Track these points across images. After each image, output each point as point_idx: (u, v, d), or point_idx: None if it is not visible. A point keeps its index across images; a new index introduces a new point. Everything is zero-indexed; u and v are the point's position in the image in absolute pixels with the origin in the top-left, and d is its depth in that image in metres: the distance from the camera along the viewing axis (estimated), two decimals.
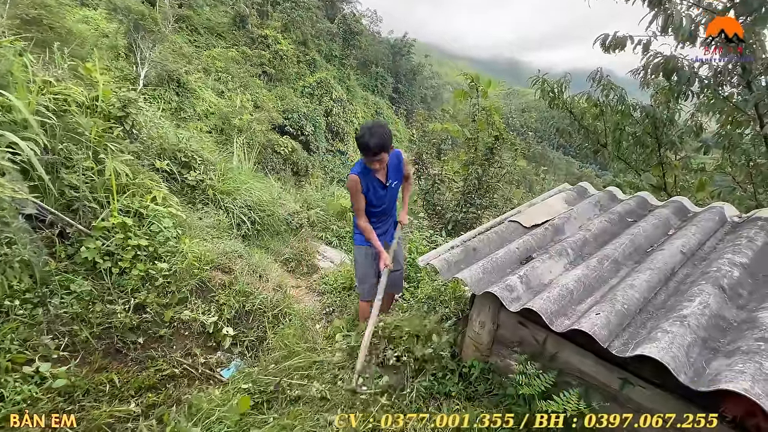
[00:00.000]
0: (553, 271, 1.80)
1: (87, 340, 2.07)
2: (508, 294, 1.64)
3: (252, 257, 3.23)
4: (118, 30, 18.25)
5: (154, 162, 3.43)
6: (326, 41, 30.56)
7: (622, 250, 1.84)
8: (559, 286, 1.60)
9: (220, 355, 2.46)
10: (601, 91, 3.68)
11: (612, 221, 2.18)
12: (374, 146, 2.06)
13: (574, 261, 1.88)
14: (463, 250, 2.10)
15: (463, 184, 5.72)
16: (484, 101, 5.90)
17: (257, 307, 2.72)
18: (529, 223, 2.28)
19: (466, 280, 1.79)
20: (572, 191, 2.67)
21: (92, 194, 2.67)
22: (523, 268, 1.82)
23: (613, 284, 1.65)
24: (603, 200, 2.51)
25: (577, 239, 2.00)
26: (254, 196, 4.56)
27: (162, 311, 2.40)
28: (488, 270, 1.86)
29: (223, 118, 19.34)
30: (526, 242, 2.06)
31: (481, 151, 5.76)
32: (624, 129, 3.91)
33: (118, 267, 2.45)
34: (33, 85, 2.66)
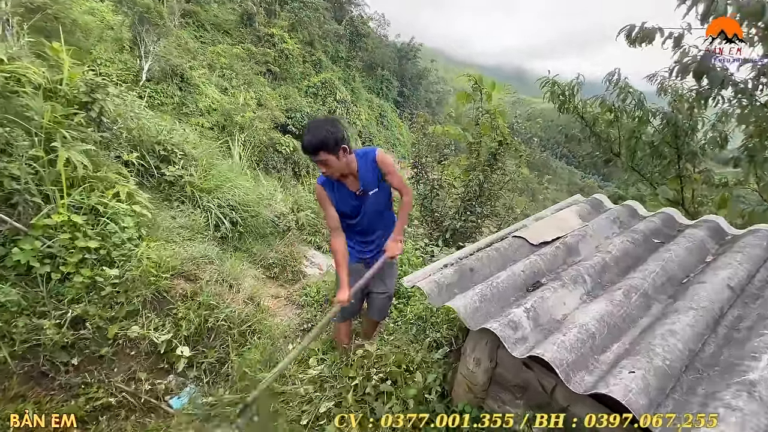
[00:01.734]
0: (567, 304, 1.46)
1: (5, 361, 1.73)
2: (512, 333, 1.30)
3: (224, 263, 2.89)
4: (123, 22, 18.10)
5: (122, 154, 3.10)
6: (333, 42, 30.43)
7: (652, 280, 1.50)
8: (577, 326, 1.26)
9: (172, 379, 2.12)
10: (618, 95, 3.35)
11: (635, 242, 1.84)
12: (308, 145, 1.74)
13: (593, 291, 1.54)
14: (457, 270, 1.76)
15: (463, 190, 5.38)
16: (489, 104, 5.59)
17: (222, 322, 2.37)
18: (536, 240, 1.95)
19: (460, 311, 1.45)
20: (586, 204, 2.34)
21: (39, 187, 2.34)
22: (530, 297, 1.48)
23: (645, 326, 1.30)
24: (622, 216, 2.17)
25: (595, 263, 1.66)
26: (238, 196, 4.23)
27: (106, 326, 2.06)
28: (487, 297, 1.53)
29: (225, 114, 19.12)
30: (534, 264, 1.72)
31: (484, 156, 5.44)
32: (640, 137, 3.59)
33: (59, 272, 2.12)
34: None
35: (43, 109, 2.49)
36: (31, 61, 2.97)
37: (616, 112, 3.55)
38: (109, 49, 19.10)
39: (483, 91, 5.70)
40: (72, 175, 2.57)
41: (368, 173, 1.97)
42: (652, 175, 3.79)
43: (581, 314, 1.35)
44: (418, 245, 3.79)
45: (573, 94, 3.78)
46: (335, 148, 1.78)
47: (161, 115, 18.20)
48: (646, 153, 3.58)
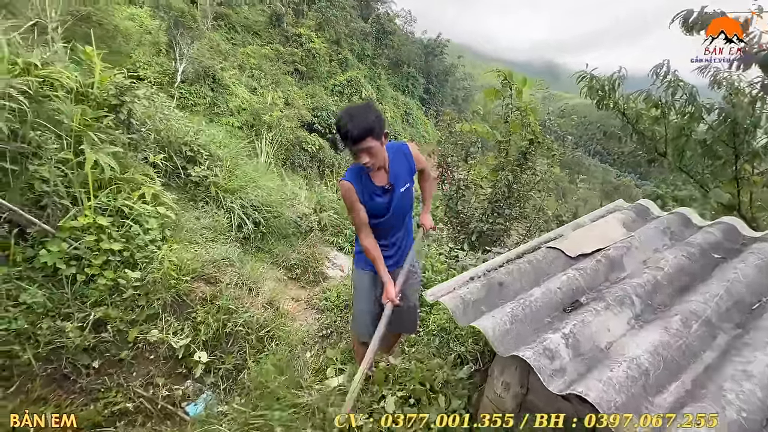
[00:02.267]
0: (612, 330, 1.28)
1: (29, 362, 1.76)
2: (548, 363, 1.15)
3: (244, 266, 2.86)
4: (160, 27, 18.90)
5: (149, 156, 3.14)
6: (359, 40, 30.49)
7: (716, 304, 1.29)
8: (627, 359, 1.09)
9: (190, 384, 2.10)
10: (666, 89, 3.05)
11: (691, 257, 1.62)
12: (355, 130, 1.57)
13: (642, 315, 1.36)
14: (485, 284, 1.62)
15: (491, 191, 5.16)
16: (519, 101, 5.31)
17: (240, 327, 2.34)
18: (574, 252, 1.76)
19: (488, 333, 1.31)
20: (630, 211, 2.11)
21: (68, 189, 2.39)
22: (568, 320, 1.31)
23: (710, 362, 1.11)
24: (673, 225, 1.93)
25: (645, 281, 1.47)
26: (261, 196, 4.23)
27: (127, 329, 2.07)
28: (518, 318, 1.37)
29: (254, 114, 19.62)
30: (572, 280, 1.55)
31: (513, 156, 5.19)
32: (690, 135, 3.26)
33: (84, 274, 2.14)
34: (13, 66, 2.41)
35: (73, 113, 2.54)
36: (66, 66, 3.07)
37: (663, 108, 3.24)
38: (147, 52, 19.98)
39: (513, 87, 5.44)
40: (100, 177, 2.61)
41: (401, 167, 1.84)
42: (702, 176, 3.44)
43: (631, 344, 1.17)
44: (442, 249, 3.63)
45: (614, 89, 3.49)
46: (380, 134, 1.66)
47: (191, 116, 18.79)
48: (697, 152, 3.24)
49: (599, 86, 3.53)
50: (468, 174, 5.56)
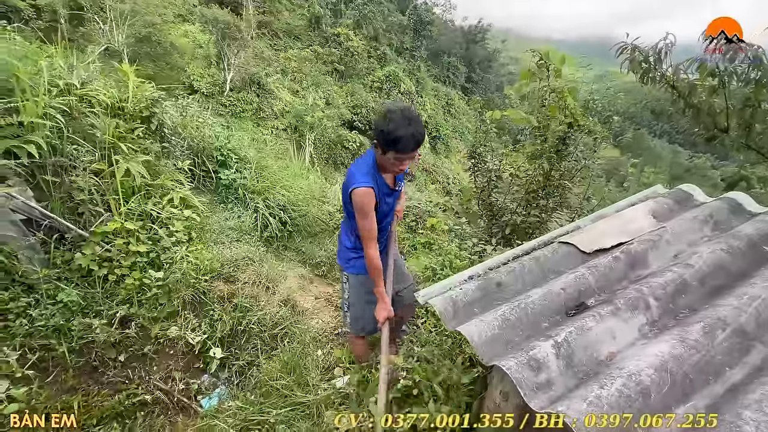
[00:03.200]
0: (618, 338, 1.11)
1: (63, 355, 1.95)
2: (532, 375, 1.01)
3: (263, 265, 2.95)
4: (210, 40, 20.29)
5: (176, 162, 3.35)
6: (397, 34, 30.29)
7: (755, 310, 1.06)
8: (624, 374, 0.92)
9: (206, 378, 2.21)
10: (723, 55, 2.61)
11: (733, 251, 1.35)
12: (420, 137, 1.60)
13: (659, 321, 1.16)
14: (482, 284, 1.49)
15: (525, 180, 4.82)
16: (556, 82, 4.90)
17: (253, 325, 2.41)
18: (590, 247, 1.56)
19: (473, 339, 1.20)
20: (667, 198, 1.83)
21: (102, 197, 2.61)
22: (566, 325, 1.16)
23: (736, 382, 0.91)
24: (719, 214, 1.64)
25: (668, 280, 1.25)
26: (288, 196, 4.34)
27: (150, 326, 2.22)
28: (510, 322, 1.24)
29: (296, 115, 20.41)
30: (580, 279, 1.37)
31: (551, 142, 4.80)
32: (759, 106, 2.77)
33: (114, 274, 2.33)
34: (54, 88, 2.68)
35: (106, 126, 2.77)
36: (105, 83, 3.36)
37: (721, 77, 2.78)
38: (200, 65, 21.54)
39: (550, 67, 5.03)
40: (132, 184, 2.83)
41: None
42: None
43: (634, 356, 1.00)
44: (465, 245, 3.46)
45: (660, 60, 3.06)
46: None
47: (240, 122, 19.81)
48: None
49: (643, 58, 3.13)
50: (501, 164, 5.25)
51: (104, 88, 3.13)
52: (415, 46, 32.12)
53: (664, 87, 3.17)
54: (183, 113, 4.37)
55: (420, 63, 31.54)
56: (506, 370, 1.03)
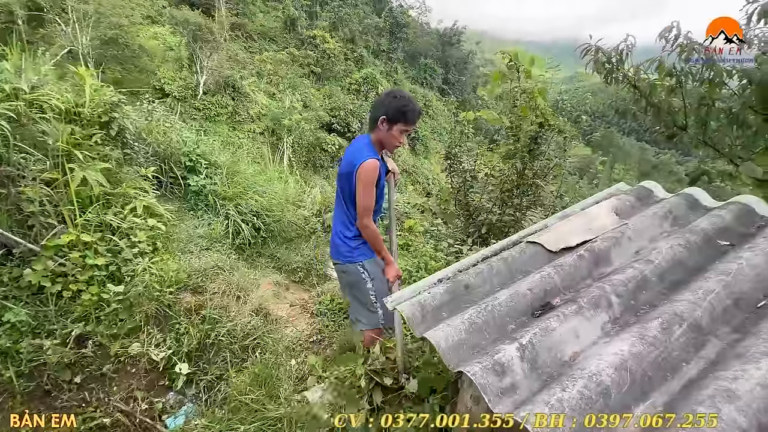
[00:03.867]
0: (581, 337, 1.11)
1: (11, 380, 1.81)
2: (496, 380, 1.00)
3: (234, 273, 2.85)
4: (181, 42, 19.66)
5: (140, 169, 3.20)
6: (373, 36, 30.37)
7: (709, 304, 1.08)
8: (585, 375, 0.92)
9: (171, 396, 2.10)
10: (678, 55, 2.71)
11: (690, 246, 1.39)
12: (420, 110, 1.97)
13: (621, 318, 1.17)
14: (451, 287, 1.47)
15: (499, 180, 4.90)
16: (527, 83, 5.00)
17: (222, 337, 2.32)
18: (556, 246, 1.57)
19: (440, 345, 1.17)
20: (629, 195, 1.87)
21: (56, 208, 2.46)
22: (531, 327, 1.15)
23: (692, 377, 0.92)
24: (678, 209, 1.69)
25: (629, 277, 1.27)
26: (261, 201, 4.23)
27: (109, 343, 2.10)
28: (477, 326, 1.22)
29: (274, 119, 20.04)
30: (546, 278, 1.37)
31: (524, 142, 4.89)
32: (713, 104, 2.89)
33: (69, 290, 2.19)
34: None
35: (59, 133, 2.61)
36: (60, 87, 3.18)
37: (678, 76, 2.89)
38: (171, 68, 20.82)
39: (520, 69, 5.13)
40: (90, 193, 2.68)
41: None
42: (731, 149, 3.06)
43: (596, 356, 1.00)
44: (441, 246, 3.46)
45: (621, 60, 3.16)
46: None
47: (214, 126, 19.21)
48: (723, 123, 2.88)
49: (606, 59, 3.22)
50: (476, 164, 5.31)
51: (58, 92, 2.96)
52: (392, 48, 32.30)
53: (626, 87, 3.28)
54: (148, 118, 4.20)
55: (397, 65, 31.71)
56: (471, 376, 1.01)
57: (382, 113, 1.88)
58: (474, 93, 33.90)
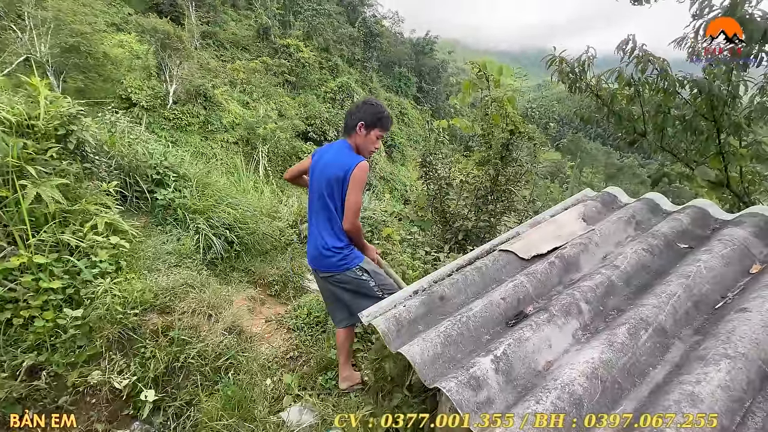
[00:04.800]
0: (554, 346, 1.12)
1: None
2: (472, 395, 0.99)
3: (205, 290, 2.73)
4: (149, 50, 18.99)
5: (102, 184, 3.04)
6: (348, 45, 30.61)
7: (672, 307, 1.12)
8: (558, 386, 0.92)
9: (137, 427, 1.97)
10: (635, 66, 2.86)
11: (653, 249, 1.44)
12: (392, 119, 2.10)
13: (591, 325, 1.19)
14: (426, 299, 1.46)
15: (473, 187, 4.99)
16: (496, 92, 5.14)
17: (192, 360, 2.21)
18: (527, 254, 1.60)
19: (415, 360, 1.16)
20: (595, 201, 1.94)
21: (5, 228, 2.29)
22: (506, 337, 1.15)
23: (659, 381, 0.94)
24: (640, 214, 1.76)
25: (597, 283, 1.30)
26: (234, 214, 4.11)
27: (66, 373, 1.95)
28: (452, 339, 1.21)
29: (248, 128, 19.63)
30: (519, 287, 1.38)
31: (496, 149, 5.01)
32: (668, 112, 3.06)
33: (21, 317, 2.03)
34: None
35: (9, 148, 2.44)
36: (10, 98, 2.99)
37: (636, 86, 3.05)
38: (138, 77, 20.01)
39: (490, 78, 5.27)
40: (44, 211, 2.51)
41: None
42: (687, 154, 3.24)
43: (568, 364, 1.01)
44: (418, 254, 3.46)
45: (584, 71, 3.31)
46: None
47: (186, 136, 18.63)
48: (678, 129, 3.05)
49: (569, 69, 3.36)
50: (450, 171, 5.39)
51: (8, 103, 2.78)
52: (367, 57, 32.59)
53: (590, 95, 3.43)
54: (111, 129, 4.02)
55: (372, 74, 32.00)
56: (446, 392, 0.99)
57: (359, 119, 1.97)
58: (447, 101, 34.66)
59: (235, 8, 28.79)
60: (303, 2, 29.57)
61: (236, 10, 28.47)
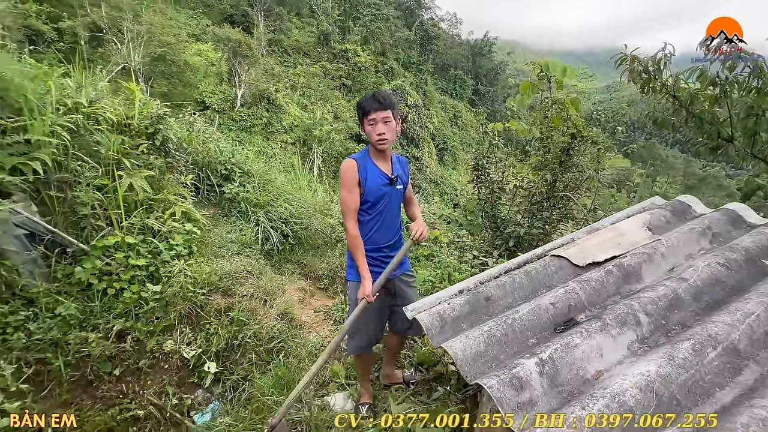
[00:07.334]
0: (605, 355, 1.07)
1: (59, 369, 1.96)
2: (514, 395, 0.98)
3: (262, 278, 2.95)
4: (221, 58, 20.82)
5: (179, 177, 3.41)
6: (404, 49, 30.89)
7: (749, 326, 1.02)
8: (608, 395, 0.89)
9: (200, 394, 2.19)
10: (722, 63, 2.58)
11: (731, 264, 1.31)
12: (382, 97, 1.75)
13: (650, 338, 1.12)
14: (471, 298, 1.46)
15: (528, 192, 4.79)
16: (559, 94, 4.90)
17: (249, 339, 2.40)
18: (583, 261, 1.53)
19: (457, 356, 1.17)
20: (664, 210, 1.79)
21: (105, 211, 2.67)
22: (552, 342, 1.13)
23: (726, 403, 0.87)
24: (717, 226, 1.60)
25: (660, 295, 1.21)
26: (290, 209, 4.37)
27: (146, 339, 2.23)
28: (496, 338, 1.21)
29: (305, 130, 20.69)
30: (570, 294, 1.33)
31: (554, 153, 4.78)
32: (762, 114, 2.71)
33: (113, 288, 2.36)
34: (63, 107, 2.77)
35: (111, 143, 2.84)
36: (113, 101, 3.47)
37: (723, 86, 2.74)
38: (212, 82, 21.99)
39: (552, 79, 5.04)
40: (135, 198, 2.89)
41: (400, 169, 1.91)
42: None
43: (620, 375, 0.96)
44: (465, 257, 3.41)
45: (659, 70, 3.04)
46: (397, 115, 1.81)
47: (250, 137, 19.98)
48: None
49: (642, 68, 3.11)
50: (504, 176, 5.23)
51: (112, 106, 3.23)
52: (422, 61, 32.59)
53: (665, 96, 3.15)
54: (189, 129, 4.48)
55: (427, 76, 31.94)
56: (487, 389, 1.00)
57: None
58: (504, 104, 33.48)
59: (299, 16, 30.41)
60: (362, 8, 30.40)
61: (300, 18, 30.08)
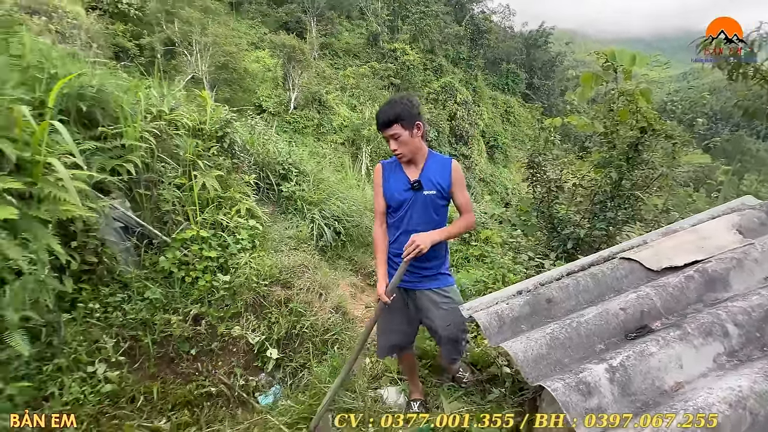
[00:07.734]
0: (685, 367, 0.99)
1: (148, 346, 2.23)
2: (581, 400, 0.95)
3: (317, 272, 3.10)
4: (277, 63, 22.05)
5: (244, 177, 3.68)
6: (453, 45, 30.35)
7: None
8: (690, 408, 0.83)
9: (263, 377, 2.37)
10: None
11: None
12: (381, 116, 1.68)
13: (741, 351, 1.01)
14: (531, 299, 1.43)
15: (590, 191, 4.48)
16: (627, 84, 4.52)
17: (306, 330, 2.54)
18: (657, 265, 1.42)
19: (517, 357, 1.15)
20: (758, 211, 1.60)
21: (183, 208, 2.97)
22: (624, 349, 1.07)
23: None
24: None
25: (754, 306, 1.09)
26: (342, 207, 4.52)
27: (217, 324, 2.45)
28: (560, 342, 1.17)
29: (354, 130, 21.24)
30: (643, 299, 1.25)
31: (620, 149, 4.42)
32: None
33: (190, 276, 2.62)
34: (149, 115, 3.13)
35: (188, 146, 3.15)
36: (188, 108, 3.83)
37: None
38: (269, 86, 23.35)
39: (619, 69, 4.67)
40: (207, 196, 3.17)
41: (436, 173, 1.76)
42: None
43: (706, 388, 0.89)
44: (520, 259, 3.29)
45: (752, 53, 2.71)
46: (410, 123, 1.68)
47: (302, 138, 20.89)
48: None
49: (730, 52, 2.79)
50: (563, 173, 4.94)
51: (188, 112, 3.58)
52: (473, 56, 31.76)
53: (758, 83, 2.79)
54: (251, 132, 4.81)
55: (477, 72, 31.07)
56: (552, 392, 0.97)
57: None
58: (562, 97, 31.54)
59: (349, 19, 31.10)
60: (411, 6, 30.29)
61: (350, 21, 30.76)
